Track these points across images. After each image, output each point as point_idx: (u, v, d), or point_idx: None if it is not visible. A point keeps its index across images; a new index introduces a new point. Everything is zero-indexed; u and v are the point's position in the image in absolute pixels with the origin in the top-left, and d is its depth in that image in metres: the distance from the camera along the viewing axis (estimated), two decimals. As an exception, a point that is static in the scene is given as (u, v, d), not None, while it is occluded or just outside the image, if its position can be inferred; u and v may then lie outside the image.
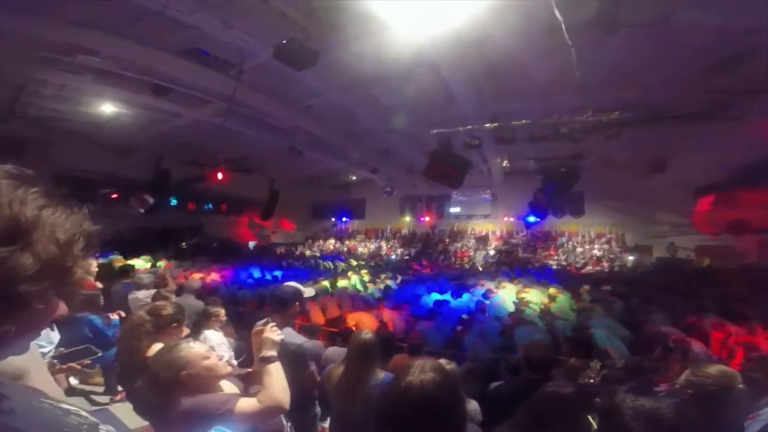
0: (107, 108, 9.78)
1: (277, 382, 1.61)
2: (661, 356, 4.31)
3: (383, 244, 20.59)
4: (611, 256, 14.48)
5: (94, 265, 4.25)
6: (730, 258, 10.86)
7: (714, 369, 1.81)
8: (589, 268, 13.86)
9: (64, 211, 0.56)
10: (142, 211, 14.41)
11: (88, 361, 2.86)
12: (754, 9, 5.11)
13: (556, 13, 5.30)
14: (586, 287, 8.18)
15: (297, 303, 2.74)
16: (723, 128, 8.74)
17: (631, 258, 14.11)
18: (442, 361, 2.06)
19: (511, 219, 18.24)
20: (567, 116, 9.43)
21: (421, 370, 1.21)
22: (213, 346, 3.06)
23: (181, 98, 9.22)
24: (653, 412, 1.18)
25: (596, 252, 15.04)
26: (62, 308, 0.60)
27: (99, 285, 5.11)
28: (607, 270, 13.20)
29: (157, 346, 2.23)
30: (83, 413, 0.64)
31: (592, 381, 3.98)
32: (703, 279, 9.22)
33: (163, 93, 8.43)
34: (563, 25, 5.43)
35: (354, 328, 6.06)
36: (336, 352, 3.42)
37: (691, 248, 13.04)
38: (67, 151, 11.97)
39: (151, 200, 14.33)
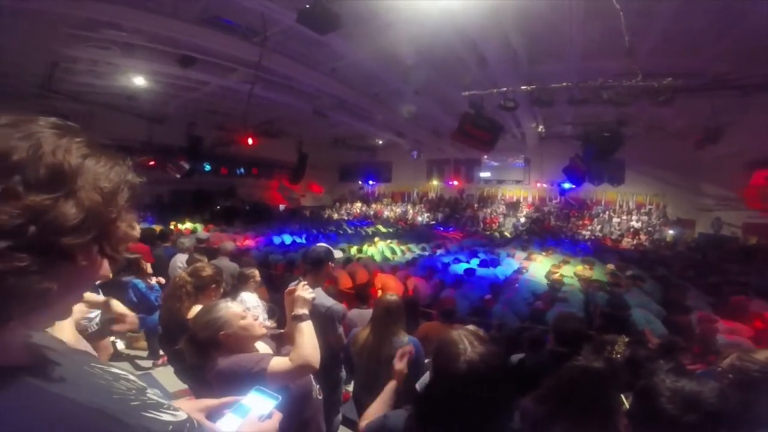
0: (138, 80, 9.92)
1: (308, 341, 1.62)
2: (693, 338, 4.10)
3: (410, 208, 20.50)
4: (650, 228, 13.69)
5: (137, 227, 4.42)
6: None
7: (762, 355, 1.70)
8: (627, 240, 13.23)
9: (108, 161, 0.55)
10: (179, 176, 14.99)
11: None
12: None
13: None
14: (611, 266, 7.76)
15: (329, 263, 2.78)
16: None
17: (671, 232, 13.27)
18: (472, 327, 2.01)
19: (545, 185, 17.50)
20: (613, 80, 8.67)
21: (472, 345, 1.20)
22: (249, 308, 3.16)
23: (208, 67, 9.17)
24: (694, 395, 1.07)
25: (634, 224, 14.22)
26: (105, 268, 0.57)
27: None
28: (646, 243, 12.55)
29: (197, 308, 2.28)
30: (132, 377, 0.64)
31: (618, 357, 3.87)
32: (748, 258, 8.60)
33: (189, 63, 8.39)
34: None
35: (380, 292, 6.19)
36: (357, 314, 3.45)
37: (737, 225, 12.03)
38: (105, 122, 12.36)
39: (186, 166, 14.83)
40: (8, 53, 7.27)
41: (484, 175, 19.43)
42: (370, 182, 23.06)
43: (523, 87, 10.16)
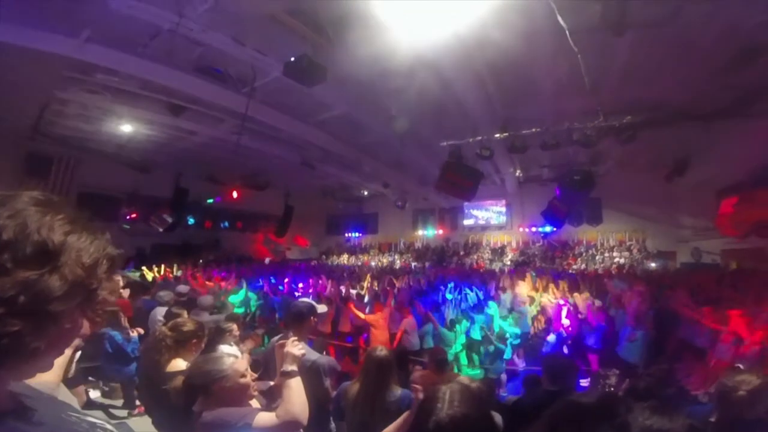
0: (127, 127, 10.18)
1: (296, 397, 1.63)
2: (689, 362, 4.10)
3: (397, 257, 20.46)
4: (633, 263, 14.01)
5: (121, 281, 4.39)
6: (761, 260, 10.33)
7: (742, 377, 1.83)
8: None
9: (88, 236, 0.60)
10: (161, 229, 14.79)
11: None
12: (765, 1, 5.00)
13: (559, 19, 5.30)
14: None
15: (312, 318, 2.85)
16: (743, 126, 8.46)
17: (653, 265, 13.63)
18: (465, 379, 2.14)
19: (527, 229, 17.92)
20: (578, 122, 9.32)
21: (450, 404, 1.17)
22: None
23: (197, 116, 9.53)
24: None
25: (618, 259, 14.59)
26: (86, 327, 0.66)
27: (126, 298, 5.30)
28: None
29: (176, 361, 2.36)
30: (108, 426, 0.69)
31: (613, 390, 3.82)
32: (733, 282, 8.74)
33: (179, 112, 8.73)
34: (567, 31, 5.42)
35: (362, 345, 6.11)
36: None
37: (716, 252, 12.48)
38: (91, 168, 12.54)
39: (169, 219, 14.72)
40: (3, 90, 7.48)
41: (468, 222, 19.85)
42: (356, 234, 23.15)
43: (497, 135, 10.87)
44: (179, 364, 2.39)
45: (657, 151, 11.06)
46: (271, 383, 2.07)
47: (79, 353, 3.01)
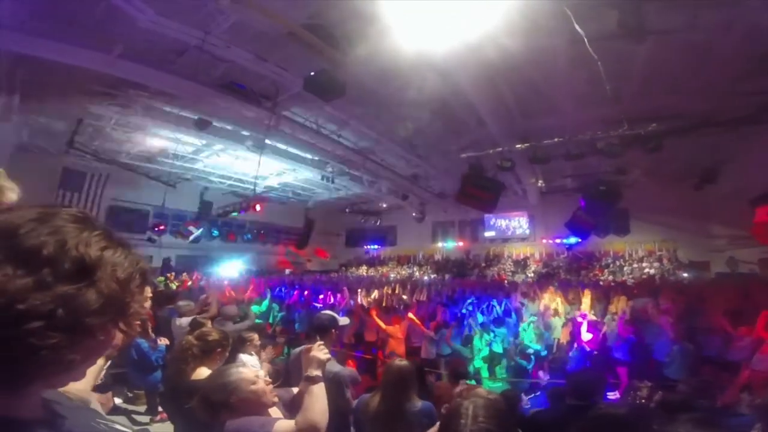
0: (155, 141, 10.63)
1: (317, 404, 1.62)
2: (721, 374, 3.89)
3: (416, 270, 20.28)
4: (664, 273, 13.40)
5: (149, 292, 4.57)
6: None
7: None
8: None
9: (123, 251, 0.63)
10: (188, 240, 15.27)
11: None
12: None
13: (577, 27, 5.25)
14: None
15: (334, 330, 2.91)
16: None
17: (686, 275, 13.00)
18: (483, 392, 2.05)
19: (551, 241, 17.45)
20: (602, 131, 9.08)
21: (474, 419, 1.17)
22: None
23: (222, 131, 9.88)
24: None
25: (648, 269, 13.98)
26: (119, 338, 0.67)
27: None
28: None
29: (201, 369, 2.41)
30: None
31: (644, 402, 3.65)
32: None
33: (205, 126, 9.07)
34: (585, 38, 5.35)
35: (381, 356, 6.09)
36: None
37: (753, 261, 11.79)
38: (121, 184, 13.18)
39: (195, 231, 15.19)
40: (39, 104, 7.96)
41: (489, 234, 19.52)
42: (375, 246, 23.16)
43: (517, 146, 10.71)
44: (204, 372, 2.43)
45: (685, 159, 10.67)
46: (295, 390, 2.08)
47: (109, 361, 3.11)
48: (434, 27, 5.30)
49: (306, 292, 10.75)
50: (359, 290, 10.07)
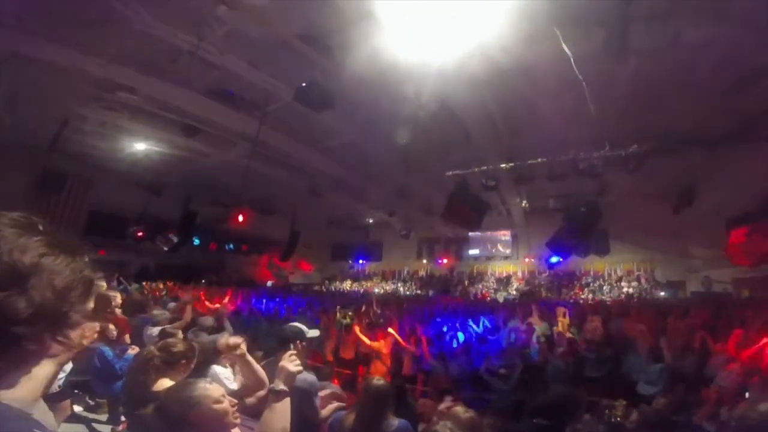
0: (141, 146, 10.45)
1: (277, 422, 1.57)
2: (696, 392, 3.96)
3: (400, 285, 20.20)
4: (642, 293, 13.75)
5: (118, 298, 4.42)
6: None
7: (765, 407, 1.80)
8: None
9: (65, 258, 0.60)
10: (167, 249, 14.85)
11: None
12: (764, 22, 5.08)
13: (564, 47, 5.48)
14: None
15: (299, 342, 2.74)
16: (748, 151, 8.41)
17: (663, 294, 13.40)
18: (460, 410, 2.24)
19: (533, 259, 17.69)
20: (584, 152, 9.36)
21: None
22: (221, 380, 3.10)
23: (210, 138, 9.79)
24: None
25: (627, 289, 14.34)
26: (56, 348, 0.63)
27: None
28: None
29: (164, 381, 2.32)
30: None
31: (620, 420, 3.65)
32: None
33: (193, 133, 8.98)
34: (571, 59, 5.58)
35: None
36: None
37: (727, 281, 12.19)
38: (103, 188, 12.78)
39: (175, 239, 14.79)
40: (25, 103, 7.74)
41: (473, 252, 19.69)
42: (360, 261, 23.02)
43: (502, 165, 10.96)
44: (167, 383, 2.34)
45: (664, 180, 11.01)
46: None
47: (70, 366, 2.95)
48: (426, 43, 5.42)
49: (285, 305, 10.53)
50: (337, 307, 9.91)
